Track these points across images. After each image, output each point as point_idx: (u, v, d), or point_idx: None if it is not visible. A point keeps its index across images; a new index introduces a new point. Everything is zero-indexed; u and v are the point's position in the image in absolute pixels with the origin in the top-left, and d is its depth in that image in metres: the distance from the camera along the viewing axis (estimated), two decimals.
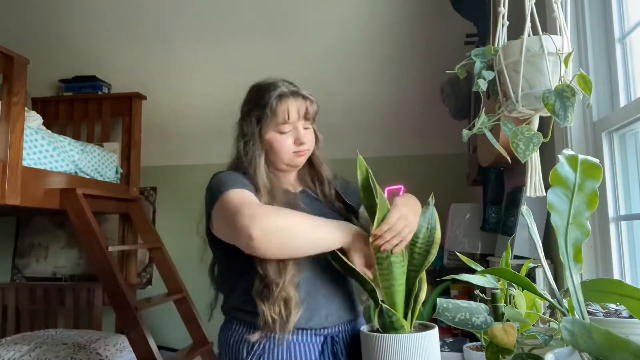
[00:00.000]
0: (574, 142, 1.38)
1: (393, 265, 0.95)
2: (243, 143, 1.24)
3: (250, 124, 1.23)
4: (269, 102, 1.20)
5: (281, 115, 1.20)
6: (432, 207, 1.02)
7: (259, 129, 1.22)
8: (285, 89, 1.24)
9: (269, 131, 1.22)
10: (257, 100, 1.24)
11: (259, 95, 1.25)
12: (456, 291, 2.15)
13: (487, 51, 0.93)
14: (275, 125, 1.21)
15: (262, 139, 1.22)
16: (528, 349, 0.79)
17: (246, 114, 1.27)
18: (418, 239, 1.00)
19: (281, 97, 1.22)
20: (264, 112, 1.21)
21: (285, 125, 1.21)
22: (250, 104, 1.27)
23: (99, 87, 3.23)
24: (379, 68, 2.96)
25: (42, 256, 3.49)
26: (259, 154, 1.22)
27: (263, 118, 1.21)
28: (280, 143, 1.22)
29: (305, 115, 1.24)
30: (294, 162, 1.26)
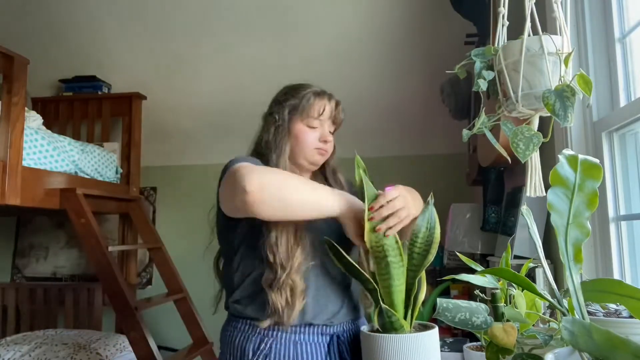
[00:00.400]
0: (574, 142, 1.39)
1: (390, 266, 0.94)
2: (273, 130, 1.25)
3: (282, 112, 1.25)
4: (307, 94, 1.25)
5: (316, 109, 1.24)
6: (432, 207, 1.02)
7: (289, 118, 1.24)
8: (321, 89, 1.30)
9: (298, 122, 1.24)
10: (294, 93, 1.27)
11: (296, 90, 1.29)
12: (456, 291, 2.14)
13: (487, 51, 0.93)
14: (306, 117, 1.24)
15: (289, 129, 1.24)
16: (528, 349, 0.79)
17: (280, 102, 1.28)
18: (417, 239, 0.99)
19: (319, 94, 1.27)
20: (300, 102, 1.24)
21: (316, 121, 1.25)
22: (287, 95, 1.29)
23: (99, 87, 3.23)
24: (379, 68, 2.96)
25: (42, 256, 3.49)
26: (285, 142, 1.23)
27: (298, 108, 1.24)
28: (307, 135, 1.24)
29: (335, 119, 1.29)
30: (314, 159, 1.27)
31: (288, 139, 1.24)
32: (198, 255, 3.57)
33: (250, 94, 3.15)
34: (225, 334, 1.22)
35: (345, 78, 3.01)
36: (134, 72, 3.23)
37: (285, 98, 1.28)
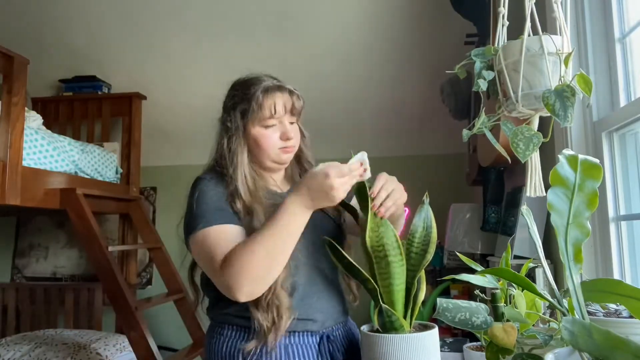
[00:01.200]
0: (574, 142, 1.39)
1: (391, 265, 0.94)
2: (227, 139, 1.18)
3: (234, 119, 1.18)
4: (255, 95, 1.16)
5: (267, 109, 1.16)
6: (427, 206, 1.02)
7: (243, 124, 1.17)
8: (270, 82, 1.20)
9: (254, 126, 1.17)
10: (242, 94, 1.19)
11: (244, 89, 1.20)
12: (456, 291, 2.15)
13: (487, 51, 0.93)
14: (261, 119, 1.16)
15: (246, 134, 1.18)
16: (528, 349, 0.79)
17: (230, 109, 1.21)
18: (414, 239, 0.99)
19: (268, 91, 1.17)
20: (250, 105, 1.16)
21: (271, 120, 1.17)
22: (235, 98, 1.21)
23: (99, 87, 3.23)
24: (379, 68, 2.96)
25: (42, 256, 3.49)
26: (241, 150, 1.17)
27: (248, 112, 1.16)
28: (266, 138, 1.17)
29: (292, 110, 1.20)
30: (280, 159, 1.20)
31: (245, 146, 1.18)
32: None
33: None
34: (210, 342, 1.16)
35: (345, 78, 3.01)
36: (134, 72, 3.23)
37: (234, 102, 1.21)
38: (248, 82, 1.22)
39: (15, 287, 3.27)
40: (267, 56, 2.98)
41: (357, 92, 3.03)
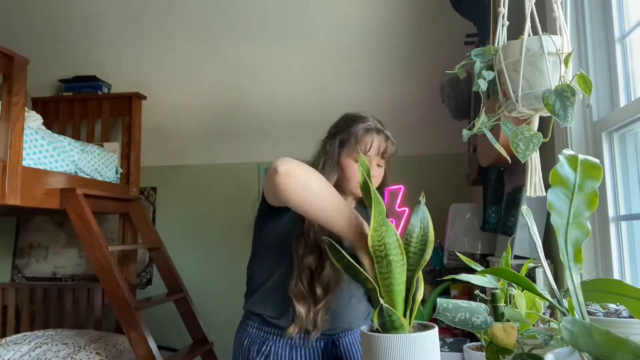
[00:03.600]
0: (574, 142, 1.39)
1: (392, 264, 0.94)
2: (323, 160, 1.31)
3: (333, 145, 1.32)
4: (356, 130, 1.30)
5: (363, 145, 1.29)
6: (423, 206, 1.02)
7: (339, 151, 1.31)
8: (373, 124, 1.33)
9: (347, 156, 1.30)
10: (346, 126, 1.33)
11: (349, 122, 1.34)
12: (456, 291, 2.14)
13: (487, 51, 0.93)
14: (354, 152, 1.29)
15: (339, 162, 1.31)
16: (528, 349, 0.79)
17: (332, 135, 1.35)
18: (412, 239, 0.99)
19: (368, 130, 1.31)
20: (349, 138, 1.30)
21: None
22: (339, 127, 1.35)
23: (99, 87, 3.22)
24: (379, 68, 2.96)
25: (42, 256, 3.49)
26: (332, 175, 1.29)
27: (346, 143, 1.30)
28: (352, 170, 1.29)
29: (383, 153, 1.33)
30: (357, 192, 1.30)
31: (335, 171, 1.30)
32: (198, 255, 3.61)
33: (250, 94, 3.15)
34: (237, 334, 1.35)
35: (345, 78, 3.01)
36: (134, 72, 3.23)
37: (337, 131, 1.35)
38: (355, 117, 1.36)
39: (15, 287, 3.27)
40: (267, 56, 2.99)
41: (356, 92, 3.03)
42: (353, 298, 1.32)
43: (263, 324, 1.29)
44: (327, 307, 1.23)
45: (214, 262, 3.23)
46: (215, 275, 3.21)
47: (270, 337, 1.27)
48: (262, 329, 1.29)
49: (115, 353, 2.53)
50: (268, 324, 1.28)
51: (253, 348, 1.27)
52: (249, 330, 1.31)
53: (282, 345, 1.26)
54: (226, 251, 3.19)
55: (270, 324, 1.28)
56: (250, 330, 1.31)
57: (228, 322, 1.50)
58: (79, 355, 2.43)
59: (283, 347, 1.25)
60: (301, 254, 1.24)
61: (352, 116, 1.37)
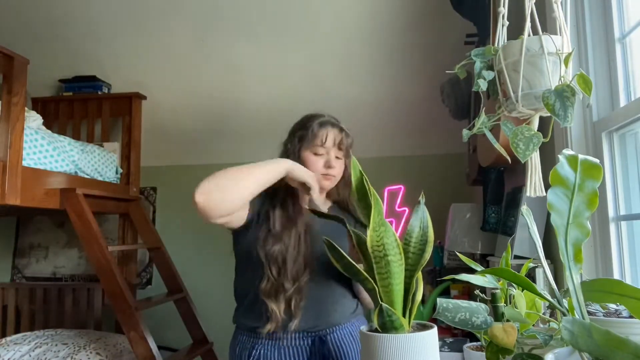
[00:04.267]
0: (574, 142, 1.39)
1: (391, 264, 0.94)
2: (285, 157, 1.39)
3: (292, 142, 1.42)
4: (312, 125, 1.40)
5: (319, 138, 1.38)
6: (423, 206, 1.02)
7: (298, 147, 1.40)
8: (327, 118, 1.44)
9: (306, 150, 1.39)
10: (303, 124, 1.44)
11: (305, 120, 1.45)
12: (456, 291, 2.14)
13: (487, 51, 0.93)
14: (312, 146, 1.39)
15: (299, 156, 1.39)
16: (528, 349, 0.79)
17: (292, 134, 1.45)
18: (411, 239, 0.99)
19: (322, 124, 1.41)
20: (307, 133, 1.40)
21: (320, 148, 1.38)
22: (297, 126, 1.46)
23: (99, 87, 3.23)
24: (379, 68, 2.96)
25: (42, 256, 3.49)
26: None
27: (304, 138, 1.40)
28: (312, 162, 1.38)
29: (339, 144, 1.41)
30: (321, 183, 1.38)
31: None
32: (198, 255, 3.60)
33: (250, 94, 3.15)
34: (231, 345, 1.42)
35: (345, 78, 3.01)
36: (134, 72, 3.23)
37: (294, 129, 1.46)
38: (311, 115, 1.47)
39: (15, 287, 3.27)
40: (267, 56, 2.99)
41: (357, 92, 3.03)
42: (337, 293, 1.37)
43: (251, 332, 1.35)
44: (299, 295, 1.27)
45: (214, 262, 3.23)
46: (215, 275, 3.21)
47: (259, 342, 1.33)
48: (251, 335, 1.35)
49: (115, 353, 2.53)
50: (255, 331, 1.34)
51: (244, 354, 1.34)
52: (239, 338, 1.39)
53: (270, 347, 1.31)
54: (226, 251, 3.16)
55: (257, 331, 1.33)
56: (240, 337, 1.38)
57: (228, 322, 1.50)
58: (79, 355, 2.43)
59: (271, 350, 1.31)
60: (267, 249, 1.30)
61: (309, 115, 1.47)
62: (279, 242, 1.29)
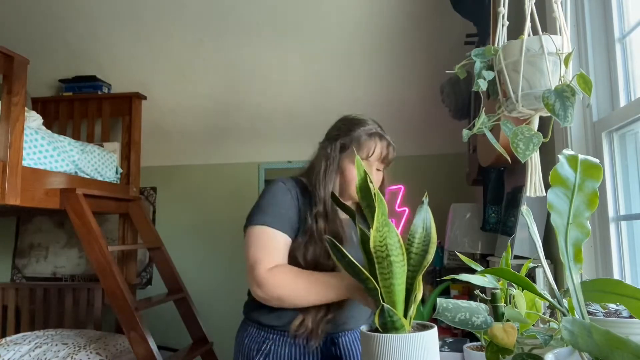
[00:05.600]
0: (574, 142, 1.39)
1: (393, 265, 0.94)
2: (324, 164, 1.32)
3: (334, 149, 1.33)
4: (358, 135, 1.32)
5: (366, 150, 1.31)
6: (426, 207, 1.02)
7: (340, 156, 1.32)
8: (374, 128, 1.34)
9: (348, 161, 1.31)
10: (347, 130, 1.34)
11: (350, 126, 1.35)
12: (456, 291, 2.14)
13: (487, 51, 0.93)
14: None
15: (340, 166, 1.32)
16: (528, 349, 0.79)
17: (333, 139, 1.35)
18: (414, 239, 0.99)
19: (371, 135, 1.32)
20: (351, 142, 1.31)
21: (364, 161, 1.31)
22: (340, 131, 1.36)
23: (99, 87, 3.23)
24: (379, 68, 2.96)
25: (42, 256, 3.49)
26: (333, 178, 1.31)
27: (348, 147, 1.32)
28: (353, 175, 1.28)
29: (384, 158, 1.35)
30: (354, 195, 1.31)
31: (336, 175, 1.32)
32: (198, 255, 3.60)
33: (250, 94, 3.15)
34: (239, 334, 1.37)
35: (345, 78, 3.01)
36: (134, 72, 3.23)
37: (338, 134, 1.35)
38: (355, 120, 1.37)
39: (15, 287, 3.27)
40: (267, 56, 2.99)
41: (356, 92, 3.03)
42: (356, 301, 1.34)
43: (263, 326, 1.31)
44: (336, 311, 1.26)
45: (214, 262, 3.23)
46: (216, 275, 3.21)
47: (270, 337, 1.29)
48: (263, 329, 1.31)
49: (115, 353, 2.53)
50: (269, 326, 1.30)
51: (253, 347, 1.29)
52: (249, 330, 1.33)
53: (282, 344, 1.27)
54: (226, 251, 3.19)
55: (271, 326, 1.30)
56: (250, 330, 1.33)
57: (228, 322, 1.51)
58: (79, 355, 2.43)
59: (282, 346, 1.27)
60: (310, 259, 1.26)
61: (353, 119, 1.37)
62: (328, 256, 1.23)
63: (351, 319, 1.33)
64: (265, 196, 1.31)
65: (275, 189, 1.31)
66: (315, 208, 1.28)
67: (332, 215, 1.28)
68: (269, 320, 1.29)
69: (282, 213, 1.27)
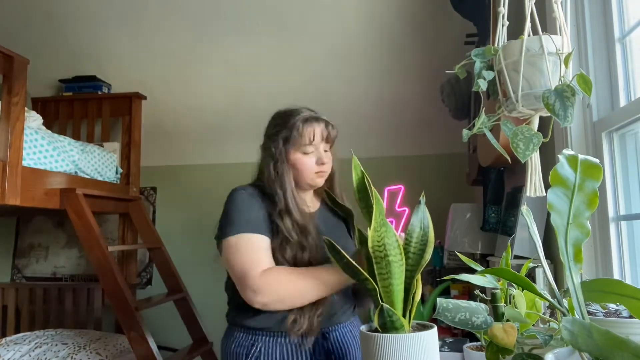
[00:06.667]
0: (574, 142, 1.38)
1: (391, 265, 0.95)
2: (272, 164, 1.32)
3: (277, 146, 1.33)
4: (295, 124, 1.32)
5: (307, 136, 1.32)
6: (424, 207, 1.02)
7: (285, 150, 1.32)
8: (308, 114, 1.36)
9: (294, 152, 1.33)
10: (284, 123, 1.35)
11: (285, 118, 1.36)
12: (456, 291, 2.14)
13: (487, 51, 0.93)
14: (300, 146, 1.32)
15: (288, 159, 1.33)
16: (528, 349, 0.79)
17: (273, 136, 1.36)
18: (412, 239, 0.99)
19: (307, 121, 1.33)
20: (291, 133, 1.32)
21: (309, 147, 1.32)
22: (278, 127, 1.36)
23: (99, 87, 3.23)
24: (379, 68, 2.96)
25: (42, 256, 3.49)
26: (287, 174, 1.32)
27: (290, 139, 1.32)
28: (304, 163, 1.32)
29: (327, 138, 1.35)
30: (315, 182, 1.35)
31: (289, 170, 1.32)
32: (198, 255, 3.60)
33: (249, 94, 3.15)
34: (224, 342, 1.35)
35: (345, 78, 3.01)
36: (134, 72, 3.23)
37: (276, 131, 1.36)
38: (288, 112, 1.38)
39: (15, 287, 3.27)
40: (267, 56, 2.99)
41: (356, 92, 3.03)
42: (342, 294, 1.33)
43: (251, 329, 1.29)
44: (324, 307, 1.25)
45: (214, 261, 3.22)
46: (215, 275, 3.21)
47: (259, 339, 1.27)
48: (250, 332, 1.29)
49: (115, 353, 2.53)
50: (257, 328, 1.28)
51: (241, 352, 1.27)
52: (235, 335, 1.31)
53: (273, 344, 1.26)
54: None
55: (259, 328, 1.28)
56: (237, 335, 1.31)
57: None
58: (79, 355, 2.43)
59: (273, 347, 1.26)
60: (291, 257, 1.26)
61: (286, 112, 1.39)
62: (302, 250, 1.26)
63: (340, 312, 1.33)
64: (230, 207, 1.30)
65: (238, 198, 1.31)
66: (278, 207, 1.28)
67: (295, 210, 1.28)
68: (257, 322, 1.27)
69: (253, 217, 1.27)
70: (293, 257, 1.26)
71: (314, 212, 1.39)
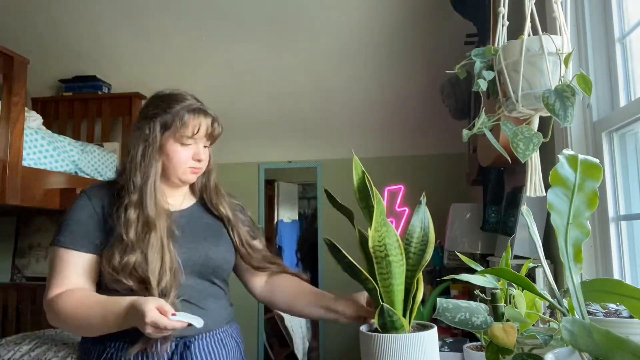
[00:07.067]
0: (574, 142, 1.38)
1: (392, 265, 0.95)
2: (142, 147, 1.18)
3: (153, 129, 1.19)
4: (180, 112, 1.20)
5: (191, 128, 1.20)
6: (424, 207, 1.02)
7: (161, 136, 1.19)
8: (196, 105, 1.24)
9: (171, 141, 1.20)
10: (166, 107, 1.21)
11: (169, 102, 1.22)
12: (456, 291, 2.14)
13: (487, 51, 0.93)
14: (180, 136, 1.20)
15: (162, 148, 1.20)
16: (528, 349, 0.79)
17: (150, 118, 1.21)
18: (412, 239, 0.99)
19: (194, 112, 1.22)
20: (173, 120, 1.19)
21: (190, 139, 1.21)
22: (158, 109, 1.21)
23: (99, 87, 3.23)
24: (379, 68, 2.96)
25: (42, 256, 3.49)
26: (155, 162, 1.19)
27: (170, 126, 1.19)
28: (179, 155, 1.21)
29: (210, 135, 1.26)
30: (186, 177, 1.25)
31: (159, 157, 1.20)
32: None
33: (249, 94, 3.15)
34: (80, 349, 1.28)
35: (345, 78, 3.01)
36: (134, 72, 3.23)
37: (155, 113, 1.21)
38: (173, 96, 1.24)
39: (15, 287, 3.27)
40: (267, 56, 2.99)
41: (356, 92, 3.03)
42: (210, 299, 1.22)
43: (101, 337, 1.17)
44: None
45: None
46: None
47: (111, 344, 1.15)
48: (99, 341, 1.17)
49: None
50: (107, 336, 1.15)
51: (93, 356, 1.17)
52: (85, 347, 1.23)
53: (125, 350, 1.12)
54: None
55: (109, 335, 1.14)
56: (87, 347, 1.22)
57: None
58: None
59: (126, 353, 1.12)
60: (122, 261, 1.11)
61: (170, 95, 1.24)
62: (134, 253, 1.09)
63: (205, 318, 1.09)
64: (68, 212, 1.20)
65: (75, 204, 1.20)
66: (128, 198, 1.14)
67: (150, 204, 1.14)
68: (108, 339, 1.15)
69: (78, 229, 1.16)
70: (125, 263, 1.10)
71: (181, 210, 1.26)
